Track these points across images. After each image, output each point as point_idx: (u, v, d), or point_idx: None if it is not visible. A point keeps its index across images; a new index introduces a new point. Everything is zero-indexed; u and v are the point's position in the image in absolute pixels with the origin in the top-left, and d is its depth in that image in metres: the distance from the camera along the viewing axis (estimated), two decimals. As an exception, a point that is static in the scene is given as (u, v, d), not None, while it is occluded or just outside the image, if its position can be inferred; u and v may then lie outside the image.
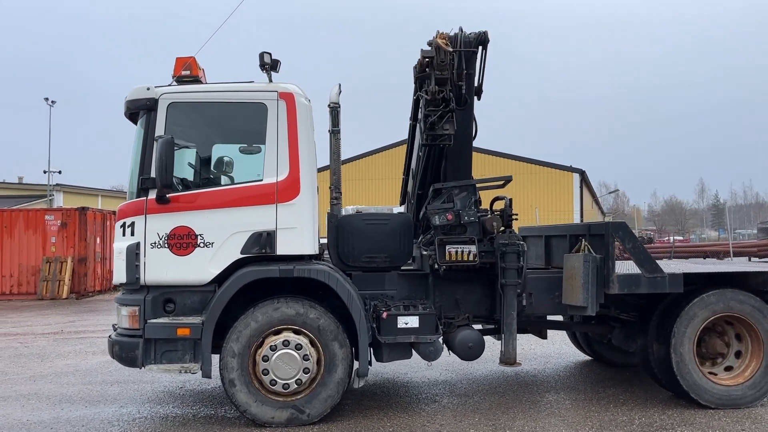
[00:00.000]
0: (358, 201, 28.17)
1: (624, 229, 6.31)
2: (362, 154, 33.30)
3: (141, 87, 6.08)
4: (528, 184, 31.14)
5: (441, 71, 6.12)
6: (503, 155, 31.93)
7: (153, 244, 5.93)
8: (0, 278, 19.55)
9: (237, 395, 5.86)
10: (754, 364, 6.38)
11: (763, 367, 6.33)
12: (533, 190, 30.87)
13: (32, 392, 7.57)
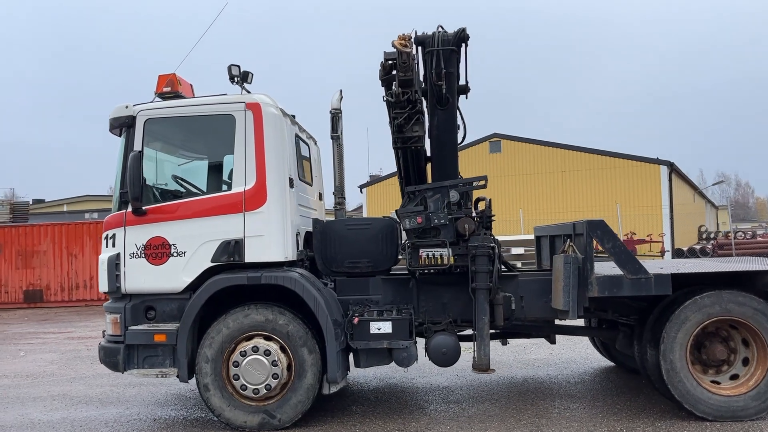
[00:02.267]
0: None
1: (602, 228, 5.93)
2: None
3: (121, 105, 6.40)
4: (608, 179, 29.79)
5: (404, 72, 6.01)
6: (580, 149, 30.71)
7: (131, 254, 6.22)
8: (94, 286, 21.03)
9: (211, 399, 6.03)
10: (759, 373, 5.80)
11: (768, 376, 5.74)
12: (614, 185, 29.50)
13: (62, 393, 8.13)
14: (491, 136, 32.21)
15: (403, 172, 6.93)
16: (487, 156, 31.88)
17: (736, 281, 6.04)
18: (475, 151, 31.65)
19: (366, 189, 34.56)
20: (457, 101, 7.08)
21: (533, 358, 9.16)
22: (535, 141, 31.60)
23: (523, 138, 32.01)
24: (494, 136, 32.19)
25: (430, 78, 6.83)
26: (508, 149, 31.80)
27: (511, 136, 32.21)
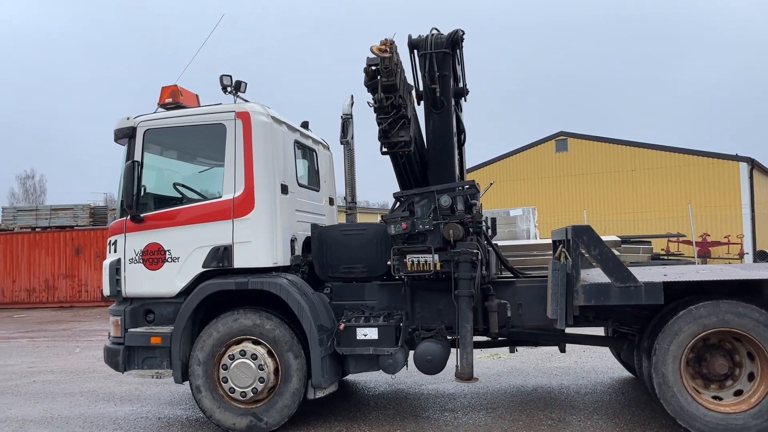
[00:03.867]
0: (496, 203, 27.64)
1: (588, 234, 5.66)
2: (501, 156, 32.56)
3: (123, 117, 6.69)
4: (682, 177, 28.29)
5: (387, 78, 5.95)
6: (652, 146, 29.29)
7: (131, 259, 6.49)
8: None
9: (203, 401, 6.21)
10: (762, 389, 5.38)
11: (772, 393, 5.32)
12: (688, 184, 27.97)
13: (91, 390, 8.59)
14: (557, 134, 31.34)
15: (397, 177, 6.89)
16: (552, 155, 31.04)
17: (744, 291, 5.64)
18: (540, 150, 30.94)
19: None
20: (453, 104, 6.98)
21: (555, 366, 8.88)
22: (603, 139, 30.46)
23: (591, 136, 30.94)
24: (560, 134, 31.30)
25: (424, 81, 6.77)
26: (575, 148, 30.82)
27: (579, 134, 31.20)
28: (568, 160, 30.68)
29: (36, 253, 24.75)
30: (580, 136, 31.10)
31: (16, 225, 26.32)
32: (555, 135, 31.34)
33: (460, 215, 6.38)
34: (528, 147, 31.86)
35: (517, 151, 32.18)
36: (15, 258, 24.82)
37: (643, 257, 18.76)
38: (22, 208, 28.67)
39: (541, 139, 31.03)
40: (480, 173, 31.26)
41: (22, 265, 24.70)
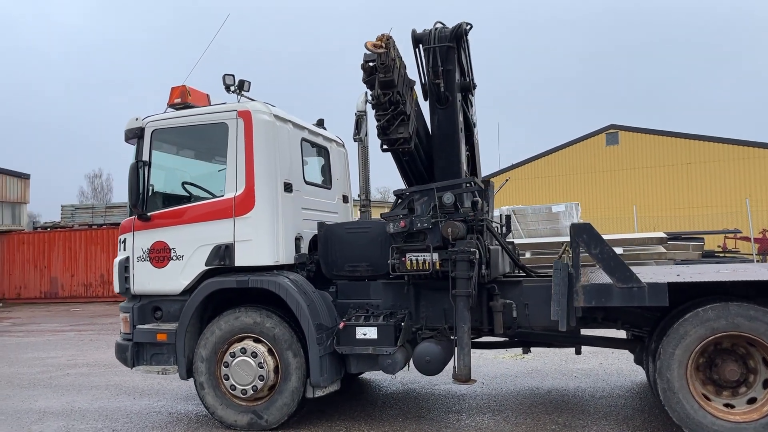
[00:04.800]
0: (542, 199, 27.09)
1: (588, 232, 5.43)
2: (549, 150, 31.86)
3: (132, 118, 6.82)
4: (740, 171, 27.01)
5: (384, 74, 5.86)
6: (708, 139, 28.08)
7: (138, 258, 6.63)
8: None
9: (206, 397, 6.29)
10: (776, 397, 5.05)
11: (786, 402, 4.99)
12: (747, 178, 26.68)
13: (116, 383, 8.84)
14: (608, 127, 30.44)
15: (401, 174, 6.79)
16: (602, 149, 30.19)
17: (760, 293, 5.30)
18: (589, 144, 30.16)
19: (476, 186, 33.97)
20: (459, 99, 6.83)
21: (577, 368, 8.60)
22: (656, 131, 29.42)
23: (643, 129, 29.93)
24: (611, 127, 30.39)
25: (428, 76, 6.65)
26: (626, 141, 29.89)
27: (630, 127, 30.23)
28: (619, 153, 29.78)
29: (92, 249, 25.72)
30: (631, 129, 30.14)
31: (74, 222, 27.46)
32: (605, 128, 30.47)
33: (465, 212, 6.25)
34: (577, 141, 31.09)
35: (565, 145, 31.45)
36: (73, 254, 25.86)
37: (693, 254, 18.02)
38: (79, 206, 29.88)
39: (591, 133, 30.22)
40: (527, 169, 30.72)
41: (80, 260, 25.70)
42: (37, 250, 26.36)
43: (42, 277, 26.20)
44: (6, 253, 26.69)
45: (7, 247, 26.73)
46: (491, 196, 7.40)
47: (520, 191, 30.54)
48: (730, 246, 24.12)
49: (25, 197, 31.56)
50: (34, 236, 26.96)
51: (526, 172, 31.91)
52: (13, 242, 26.77)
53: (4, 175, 30.70)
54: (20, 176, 31.28)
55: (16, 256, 26.56)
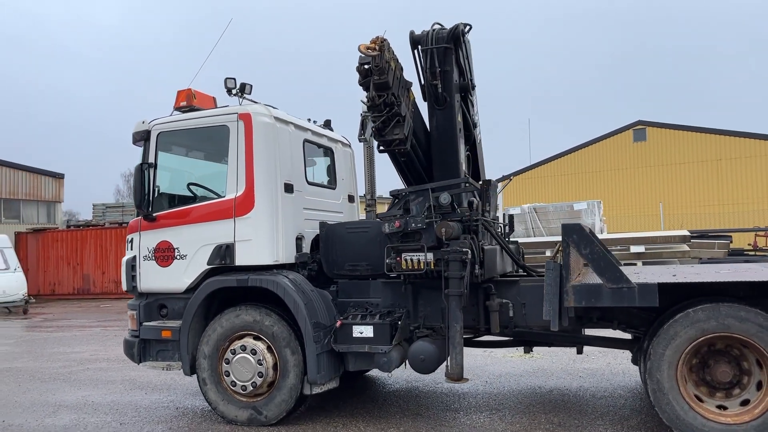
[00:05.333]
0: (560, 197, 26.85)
1: (578, 232, 5.43)
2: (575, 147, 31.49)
3: (139, 121, 7.03)
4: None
5: (379, 76, 5.94)
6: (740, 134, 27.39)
7: (144, 257, 6.83)
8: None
9: (208, 393, 6.46)
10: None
11: (777, 404, 4.93)
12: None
13: (132, 378, 9.10)
14: (635, 123, 29.99)
15: (399, 174, 6.86)
16: (630, 145, 29.75)
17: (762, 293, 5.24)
18: (616, 141, 29.74)
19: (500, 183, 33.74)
20: (458, 100, 6.87)
21: (584, 367, 8.57)
22: (685, 127, 28.88)
23: (671, 125, 29.40)
24: (639, 123, 29.94)
25: (426, 77, 6.71)
26: (654, 137, 29.39)
27: (658, 123, 29.73)
28: (646, 150, 29.32)
29: (123, 246, 25.97)
30: (660, 125, 29.65)
31: (105, 220, 28.15)
32: (633, 124, 30.03)
33: (462, 212, 6.30)
34: (603, 137, 30.69)
35: (592, 142, 31.09)
36: (104, 251, 26.51)
37: (719, 252, 17.70)
38: (110, 204, 30.61)
39: (618, 129, 29.80)
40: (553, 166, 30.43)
41: (111, 257, 26.31)
42: (70, 248, 27.09)
43: (75, 274, 26.93)
44: (41, 251, 27.50)
45: (42, 244, 27.54)
46: (493, 196, 7.42)
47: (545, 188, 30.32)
48: (761, 244, 23.59)
49: (59, 196, 32.47)
50: (67, 234, 27.72)
51: (552, 169, 31.64)
52: (48, 240, 27.57)
53: (39, 175, 31.62)
54: (55, 176, 32.19)
55: (50, 253, 27.34)
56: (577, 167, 30.07)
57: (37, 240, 27.76)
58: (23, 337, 14.99)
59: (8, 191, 30.15)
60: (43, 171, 31.88)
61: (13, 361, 11.14)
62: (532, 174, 32.29)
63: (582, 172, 29.95)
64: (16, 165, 30.70)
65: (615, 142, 29.99)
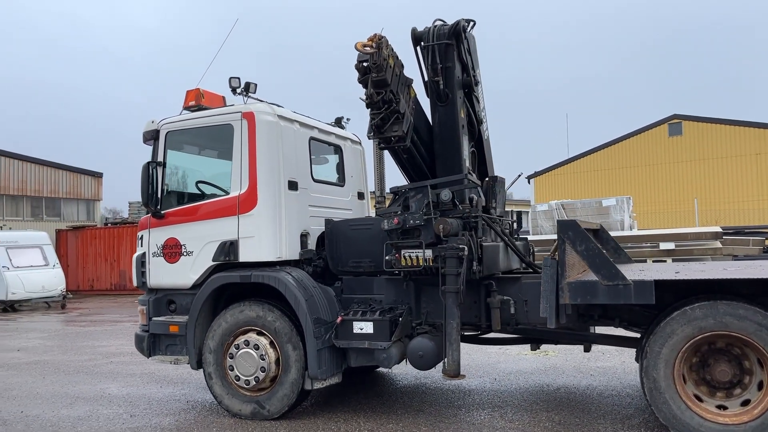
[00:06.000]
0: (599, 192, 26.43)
1: (574, 229, 5.36)
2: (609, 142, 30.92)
3: (149, 121, 7.19)
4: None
5: (377, 73, 5.96)
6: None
7: (153, 253, 6.99)
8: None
9: (214, 387, 6.59)
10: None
11: (777, 405, 4.80)
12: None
13: (150, 371, 9.32)
14: (671, 117, 29.28)
15: (401, 171, 6.86)
16: (665, 140, 29.08)
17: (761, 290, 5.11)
18: (651, 135, 29.11)
19: (534, 179, 33.45)
20: (462, 96, 6.84)
21: (597, 365, 8.45)
22: (723, 120, 28.09)
23: (708, 118, 28.62)
24: (674, 117, 29.23)
25: (428, 74, 6.71)
26: (690, 131, 28.67)
27: (695, 117, 28.97)
28: (682, 144, 28.63)
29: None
30: (696, 118, 28.88)
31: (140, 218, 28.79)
32: (668, 118, 29.34)
33: (463, 209, 6.29)
34: (638, 132, 30.07)
35: (626, 136, 30.46)
36: (140, 248, 27.08)
37: (754, 249, 17.20)
38: (146, 202, 31.26)
39: (652, 124, 29.14)
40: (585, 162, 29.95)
41: (146, 254, 26.85)
42: (107, 245, 27.82)
43: (112, 270, 27.65)
44: (80, 248, 28.32)
45: (81, 241, 28.36)
46: (500, 192, 7.37)
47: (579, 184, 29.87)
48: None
49: (98, 194, 33.34)
50: (104, 231, 28.48)
51: (585, 164, 31.14)
52: (86, 237, 28.37)
53: (79, 174, 32.52)
54: (94, 175, 33.06)
55: (89, 250, 28.14)
56: (611, 162, 29.54)
57: (76, 237, 28.59)
58: (57, 331, 15.48)
59: (50, 190, 31.10)
60: (82, 170, 32.78)
61: (43, 354, 11.53)
62: (564, 170, 31.83)
63: (616, 168, 29.40)
64: (56, 164, 31.65)
65: (649, 136, 29.36)
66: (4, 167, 29.31)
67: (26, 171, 30.24)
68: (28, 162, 30.32)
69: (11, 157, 29.71)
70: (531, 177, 33.56)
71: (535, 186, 33.02)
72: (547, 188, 31.80)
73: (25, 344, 13.08)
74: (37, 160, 30.75)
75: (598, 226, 7.83)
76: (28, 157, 30.45)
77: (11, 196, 29.74)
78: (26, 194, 30.16)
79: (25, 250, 22.28)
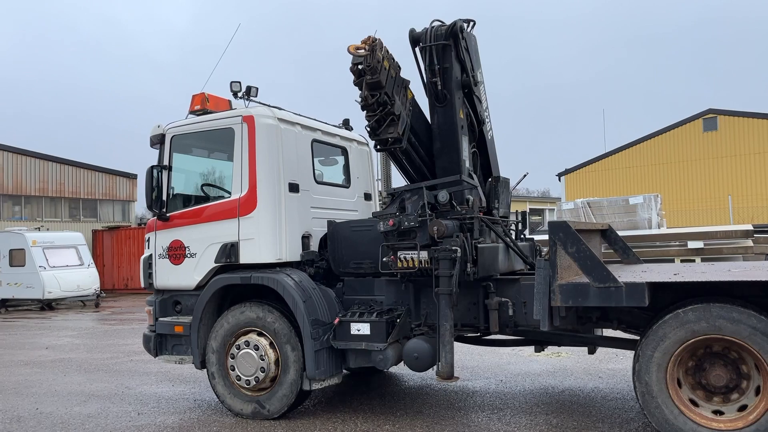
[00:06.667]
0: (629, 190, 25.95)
1: (565, 230, 5.29)
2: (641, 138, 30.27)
3: (155, 125, 7.34)
4: None
5: (371, 75, 5.98)
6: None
7: (159, 255, 7.14)
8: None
9: (216, 387, 6.71)
10: (763, 405, 4.74)
11: (772, 411, 4.67)
12: None
13: (165, 370, 9.51)
14: (705, 112, 28.54)
15: (401, 172, 6.87)
16: (699, 135, 28.36)
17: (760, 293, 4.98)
18: (685, 131, 28.42)
19: (564, 177, 32.99)
20: (461, 97, 6.82)
21: (609, 367, 8.33)
22: (760, 115, 27.24)
23: (745, 113, 27.80)
24: (709, 112, 28.48)
25: (426, 75, 6.70)
26: (726, 126, 27.89)
27: (731, 111, 28.19)
28: (717, 140, 27.88)
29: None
30: (732, 113, 28.10)
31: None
32: (703, 113, 28.59)
33: (463, 209, 6.27)
34: (671, 128, 29.37)
35: (659, 132, 29.80)
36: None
37: (789, 248, 16.67)
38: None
39: (687, 119, 28.45)
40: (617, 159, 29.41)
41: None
42: (141, 245, 28.24)
43: (145, 270, 28.17)
44: (115, 247, 29.02)
45: (116, 241, 29.05)
46: (503, 192, 7.32)
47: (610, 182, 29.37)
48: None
49: (133, 195, 34.08)
50: (138, 231, 29.05)
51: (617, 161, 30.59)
52: (121, 237, 29.04)
53: (114, 175, 33.31)
54: (128, 176, 33.81)
55: (123, 249, 28.80)
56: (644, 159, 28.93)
57: (111, 237, 29.30)
58: (87, 329, 15.91)
59: (86, 191, 31.93)
60: (118, 172, 33.56)
61: (69, 352, 11.88)
62: (596, 167, 31.28)
63: (649, 165, 28.78)
64: (93, 167, 32.46)
65: (683, 132, 28.66)
66: (43, 170, 30.20)
67: (64, 173, 31.09)
68: (66, 165, 31.18)
69: (50, 161, 30.60)
70: (562, 174, 33.10)
71: (566, 183, 32.56)
72: (578, 186, 31.31)
73: (55, 342, 13.49)
74: (74, 163, 31.59)
75: (606, 226, 7.72)
76: (66, 159, 31.32)
77: (50, 198, 30.63)
78: (64, 196, 31.02)
79: (61, 251, 22.93)
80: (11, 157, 29.05)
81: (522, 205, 57.00)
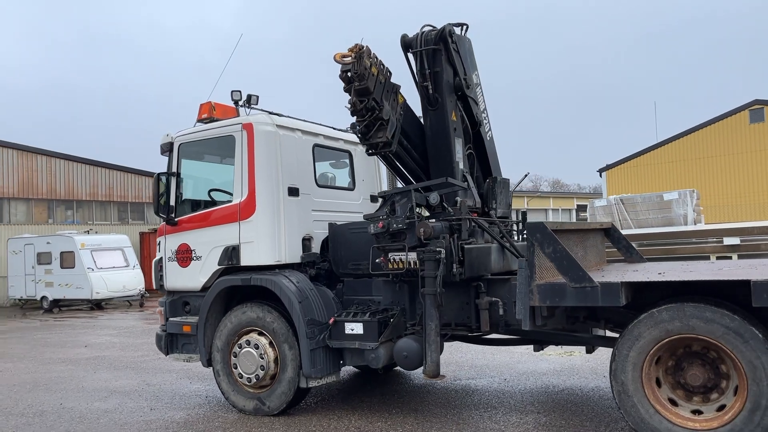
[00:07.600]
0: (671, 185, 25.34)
1: (542, 231, 5.33)
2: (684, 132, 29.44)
3: (164, 134, 7.69)
4: None
5: (359, 82, 6.14)
6: None
7: (168, 258, 7.49)
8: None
9: (221, 384, 7.00)
10: (738, 405, 4.69)
11: (746, 411, 4.61)
12: None
13: (187, 368, 9.84)
14: (752, 103, 27.58)
15: (395, 175, 7.01)
16: (746, 127, 27.42)
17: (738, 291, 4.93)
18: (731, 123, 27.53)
19: (605, 173, 32.36)
20: (454, 99, 6.91)
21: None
22: (811, 105, 26.22)
23: (795, 102, 26.79)
24: (756, 102, 27.50)
25: (417, 79, 6.82)
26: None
27: (779, 102, 27.20)
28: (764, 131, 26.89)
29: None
30: (780, 103, 27.09)
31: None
32: (749, 104, 27.64)
33: (454, 211, 6.38)
34: (716, 120, 28.48)
35: (703, 125, 28.94)
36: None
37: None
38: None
39: (732, 110, 27.55)
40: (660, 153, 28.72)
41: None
42: (185, 246, 29.20)
43: (187, 271, 28.96)
44: (153, 250, 29.93)
45: (153, 244, 29.98)
46: (501, 193, 7.38)
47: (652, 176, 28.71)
48: None
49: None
50: (183, 233, 29.91)
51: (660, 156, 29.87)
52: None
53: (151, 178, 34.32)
54: (174, 180, 34.74)
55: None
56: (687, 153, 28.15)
57: (147, 240, 30.23)
58: (127, 328, 16.58)
59: (134, 195, 33.06)
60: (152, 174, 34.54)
61: (104, 350, 12.45)
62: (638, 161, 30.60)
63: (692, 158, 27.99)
64: (139, 171, 33.56)
65: (729, 124, 27.77)
66: (94, 176, 31.44)
67: (113, 178, 32.27)
68: (114, 170, 32.36)
69: (100, 166, 31.83)
70: (602, 170, 32.49)
71: (607, 179, 31.96)
72: (620, 181, 30.70)
73: (94, 340, 14.14)
74: (122, 168, 32.75)
75: (610, 224, 7.69)
76: (114, 165, 32.51)
77: (100, 202, 31.85)
78: (113, 200, 32.20)
79: (108, 252, 23.90)
80: (63, 164, 30.33)
81: (569, 201, 55.94)
